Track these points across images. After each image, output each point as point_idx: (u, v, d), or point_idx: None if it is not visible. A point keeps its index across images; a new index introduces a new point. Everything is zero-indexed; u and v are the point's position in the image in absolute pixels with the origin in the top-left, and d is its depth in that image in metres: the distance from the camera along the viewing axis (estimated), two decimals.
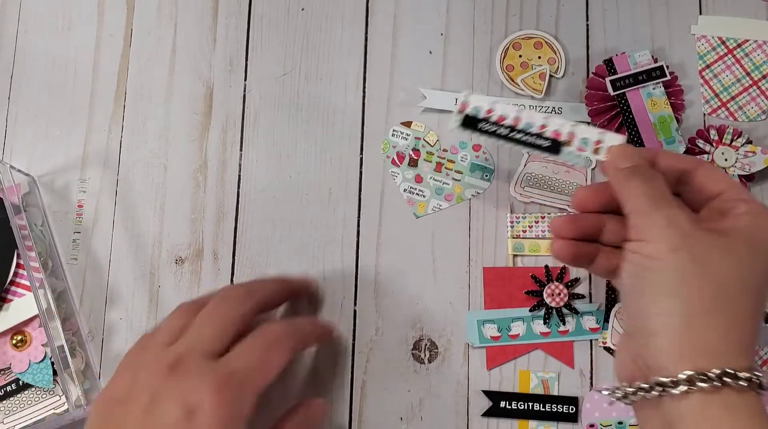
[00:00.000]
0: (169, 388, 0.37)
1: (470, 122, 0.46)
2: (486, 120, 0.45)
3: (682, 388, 0.34)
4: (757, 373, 0.34)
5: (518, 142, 0.45)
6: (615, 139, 0.44)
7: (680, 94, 0.52)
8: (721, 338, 0.34)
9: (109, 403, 0.39)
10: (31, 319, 0.48)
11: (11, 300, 0.48)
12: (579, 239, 0.41)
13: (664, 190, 0.39)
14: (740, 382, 0.33)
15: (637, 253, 0.37)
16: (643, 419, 0.37)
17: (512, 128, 0.45)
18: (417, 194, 0.51)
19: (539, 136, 0.45)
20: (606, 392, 0.39)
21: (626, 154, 0.41)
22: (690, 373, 0.34)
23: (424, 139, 0.52)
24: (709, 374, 0.33)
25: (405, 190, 0.51)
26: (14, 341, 0.48)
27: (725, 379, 0.33)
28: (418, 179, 0.51)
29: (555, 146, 0.45)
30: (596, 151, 0.44)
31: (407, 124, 0.52)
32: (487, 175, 0.52)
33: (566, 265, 0.49)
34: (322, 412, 0.44)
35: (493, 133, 0.45)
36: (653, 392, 0.35)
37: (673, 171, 0.41)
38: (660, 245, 0.36)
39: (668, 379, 0.34)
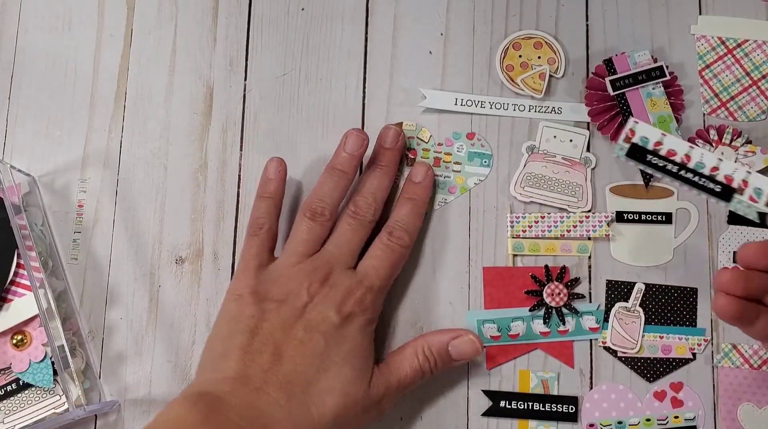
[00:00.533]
0: (325, 295, 0.44)
1: (638, 153, 0.44)
2: (654, 153, 0.44)
3: None
4: None
5: (687, 181, 0.44)
6: None
7: (680, 94, 0.52)
8: None
9: (264, 300, 0.44)
10: (32, 319, 0.48)
11: (11, 300, 0.48)
12: (745, 297, 0.39)
13: None
14: None
15: None
16: None
17: (682, 166, 0.44)
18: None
19: (711, 178, 0.43)
20: None
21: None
22: None
23: (417, 137, 0.52)
24: None
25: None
26: (14, 341, 0.48)
27: None
28: None
29: (726, 193, 0.43)
30: None
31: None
32: (486, 161, 0.52)
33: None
34: (476, 352, 0.46)
35: (662, 169, 0.44)
36: None
37: None
38: None
39: None
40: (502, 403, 0.48)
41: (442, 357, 0.45)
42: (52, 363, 0.48)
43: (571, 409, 0.48)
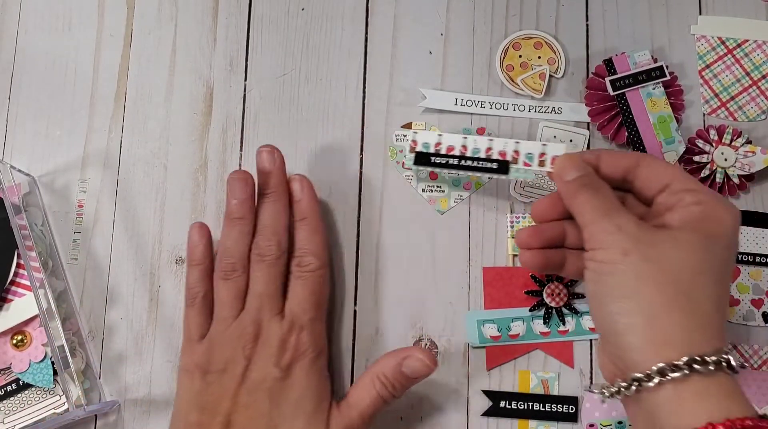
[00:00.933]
0: (260, 353, 0.44)
1: (423, 158, 0.48)
2: (437, 154, 0.47)
3: (656, 380, 0.35)
4: (725, 355, 0.36)
5: (470, 168, 0.47)
6: (557, 149, 0.45)
7: (680, 94, 0.52)
8: (683, 328, 0.36)
9: (207, 373, 0.44)
10: (32, 319, 0.48)
11: (11, 300, 0.48)
12: (545, 247, 0.44)
13: (611, 198, 0.41)
14: (709, 367, 0.35)
15: (593, 260, 0.39)
16: (631, 416, 0.39)
17: (462, 157, 0.47)
18: (436, 191, 0.51)
19: (488, 159, 0.47)
20: (595, 392, 0.41)
21: (570, 165, 0.42)
22: (661, 365, 0.35)
23: None
24: (678, 363, 0.35)
25: (423, 190, 0.51)
26: (14, 341, 0.48)
27: (694, 366, 0.35)
28: (433, 176, 0.51)
29: (503, 167, 0.47)
30: (541, 163, 0.46)
31: (407, 126, 0.52)
32: None
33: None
34: (427, 368, 0.45)
35: (446, 165, 0.47)
36: (632, 388, 0.36)
37: (617, 170, 0.43)
38: (612, 251, 0.38)
39: (642, 374, 0.36)
40: (502, 403, 0.48)
41: (398, 379, 0.44)
42: (52, 363, 0.48)
43: (571, 409, 0.48)
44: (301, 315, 0.45)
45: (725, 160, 0.50)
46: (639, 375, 0.36)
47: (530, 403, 0.48)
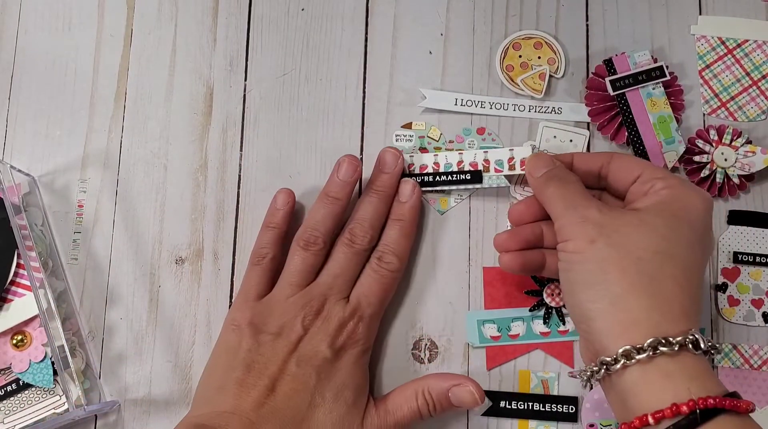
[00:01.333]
0: (318, 328, 0.44)
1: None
2: (411, 173, 0.49)
3: (621, 362, 0.36)
4: (691, 335, 0.36)
5: (447, 183, 0.49)
6: (524, 152, 0.48)
7: (680, 94, 0.52)
8: (648, 310, 0.37)
9: (260, 332, 0.44)
10: (32, 319, 0.48)
11: (11, 300, 0.48)
12: (524, 249, 0.45)
13: (579, 189, 0.42)
14: (674, 348, 0.36)
15: (563, 251, 0.40)
16: (609, 401, 0.39)
17: (436, 173, 0.49)
18: (436, 191, 0.51)
19: (461, 172, 0.49)
20: (575, 378, 0.42)
21: (539, 163, 0.44)
22: (626, 347, 0.36)
23: (428, 136, 0.52)
24: (642, 345, 0.36)
25: (423, 190, 0.51)
26: (14, 341, 0.48)
27: (659, 347, 0.36)
28: None
29: (476, 176, 0.49)
30: (512, 167, 0.48)
31: (408, 126, 0.52)
32: None
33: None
34: (475, 403, 0.45)
35: (422, 183, 0.49)
36: (601, 372, 0.37)
37: (591, 167, 0.45)
38: (580, 241, 0.39)
39: (610, 358, 0.37)
40: (502, 403, 0.48)
41: (441, 402, 0.45)
42: (52, 363, 0.48)
43: (571, 409, 0.48)
44: (366, 307, 0.46)
45: (725, 160, 0.50)
46: (607, 358, 0.37)
47: (530, 403, 0.48)
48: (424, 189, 0.49)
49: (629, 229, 0.39)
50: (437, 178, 0.49)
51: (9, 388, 0.48)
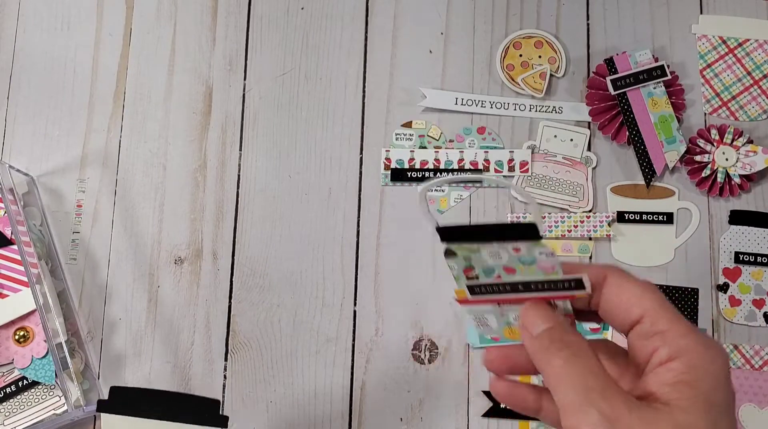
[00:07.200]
0: None
1: (399, 174, 0.50)
2: (412, 169, 0.50)
3: None
4: None
5: (446, 180, 0.47)
6: (523, 155, 0.48)
7: (681, 94, 0.52)
8: None
9: None
10: (32, 315, 0.48)
11: (6, 295, 0.48)
12: (515, 373, 0.37)
13: (593, 367, 0.32)
14: None
15: None
16: None
17: (437, 169, 0.50)
18: (436, 190, 0.51)
19: (461, 169, 0.50)
20: None
21: (536, 316, 0.34)
22: None
23: (428, 135, 0.52)
24: None
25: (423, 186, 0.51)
26: (17, 337, 0.48)
27: None
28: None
29: (477, 174, 0.49)
30: (511, 168, 0.49)
31: (408, 125, 0.52)
32: None
33: None
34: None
35: (423, 179, 0.50)
36: None
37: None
38: None
39: None
40: (502, 404, 0.48)
41: None
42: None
43: None
44: None
45: (726, 159, 0.50)
46: None
47: None
48: (423, 185, 0.49)
49: None
50: (438, 173, 0.50)
51: (9, 390, 0.48)
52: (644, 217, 0.50)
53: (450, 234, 0.35)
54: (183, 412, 0.37)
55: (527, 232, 0.33)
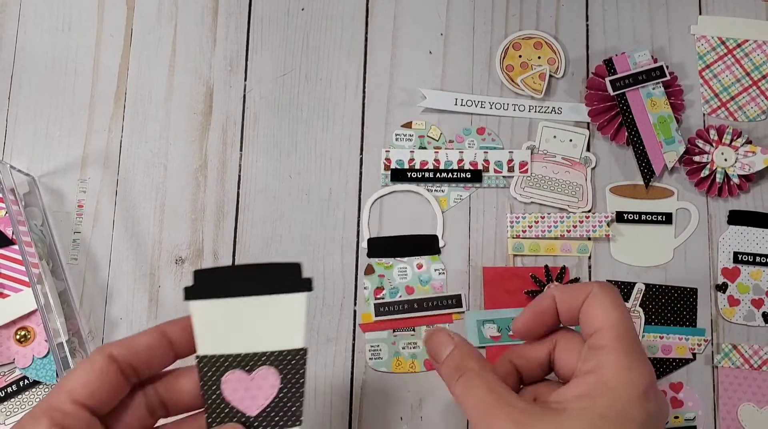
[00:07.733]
0: None
1: (399, 174, 0.50)
2: (412, 169, 0.50)
3: None
4: None
5: (447, 180, 0.50)
6: (523, 155, 0.49)
7: (680, 94, 0.52)
8: None
9: None
10: (33, 314, 0.48)
11: (8, 295, 0.48)
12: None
13: (490, 385, 0.34)
14: None
15: None
16: None
17: (437, 170, 0.50)
18: (436, 191, 0.51)
19: (461, 170, 0.50)
20: None
21: (439, 343, 0.37)
22: None
23: (428, 136, 0.52)
24: None
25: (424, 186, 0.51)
26: (18, 336, 0.48)
27: None
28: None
29: (477, 175, 0.50)
30: (510, 169, 0.49)
31: (407, 125, 0.52)
32: None
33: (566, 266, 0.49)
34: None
35: (425, 179, 0.50)
36: None
37: (538, 355, 0.38)
38: None
39: None
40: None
41: None
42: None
43: None
44: None
45: (725, 160, 0.50)
46: None
47: None
48: (426, 184, 0.49)
49: None
50: (437, 174, 0.50)
51: (10, 390, 0.48)
52: (643, 217, 0.51)
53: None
54: (269, 281, 0.34)
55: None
